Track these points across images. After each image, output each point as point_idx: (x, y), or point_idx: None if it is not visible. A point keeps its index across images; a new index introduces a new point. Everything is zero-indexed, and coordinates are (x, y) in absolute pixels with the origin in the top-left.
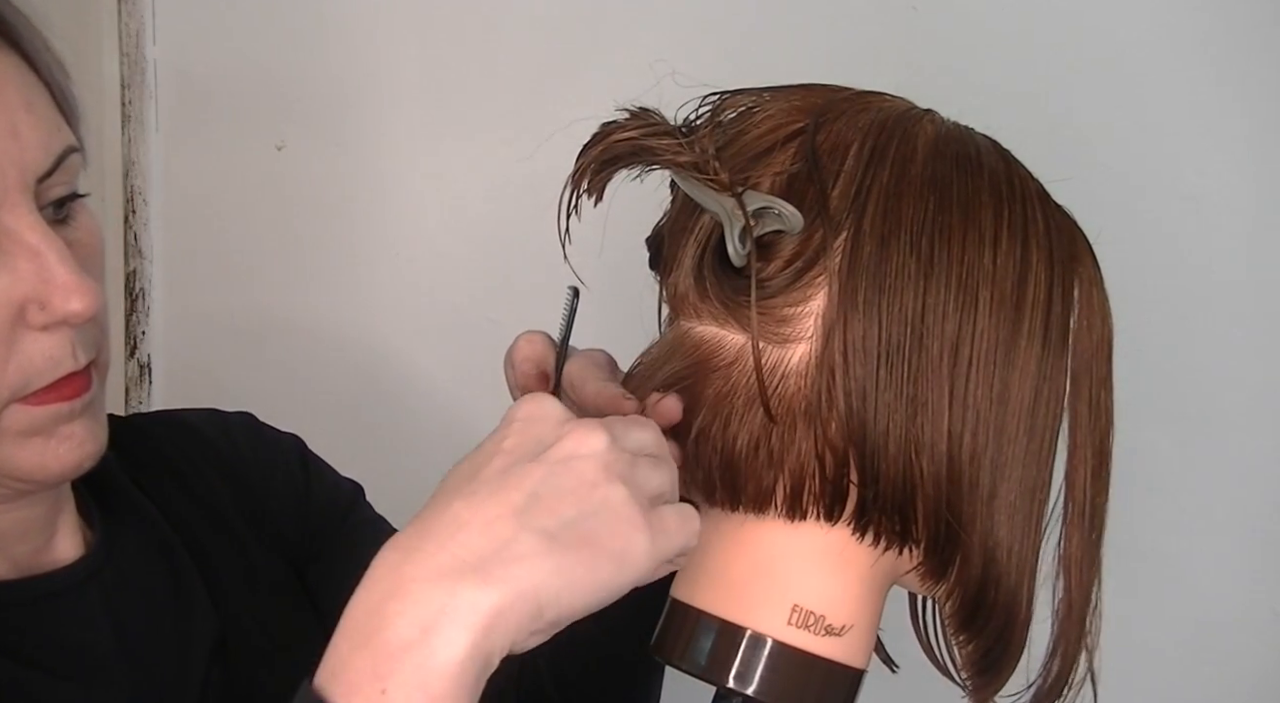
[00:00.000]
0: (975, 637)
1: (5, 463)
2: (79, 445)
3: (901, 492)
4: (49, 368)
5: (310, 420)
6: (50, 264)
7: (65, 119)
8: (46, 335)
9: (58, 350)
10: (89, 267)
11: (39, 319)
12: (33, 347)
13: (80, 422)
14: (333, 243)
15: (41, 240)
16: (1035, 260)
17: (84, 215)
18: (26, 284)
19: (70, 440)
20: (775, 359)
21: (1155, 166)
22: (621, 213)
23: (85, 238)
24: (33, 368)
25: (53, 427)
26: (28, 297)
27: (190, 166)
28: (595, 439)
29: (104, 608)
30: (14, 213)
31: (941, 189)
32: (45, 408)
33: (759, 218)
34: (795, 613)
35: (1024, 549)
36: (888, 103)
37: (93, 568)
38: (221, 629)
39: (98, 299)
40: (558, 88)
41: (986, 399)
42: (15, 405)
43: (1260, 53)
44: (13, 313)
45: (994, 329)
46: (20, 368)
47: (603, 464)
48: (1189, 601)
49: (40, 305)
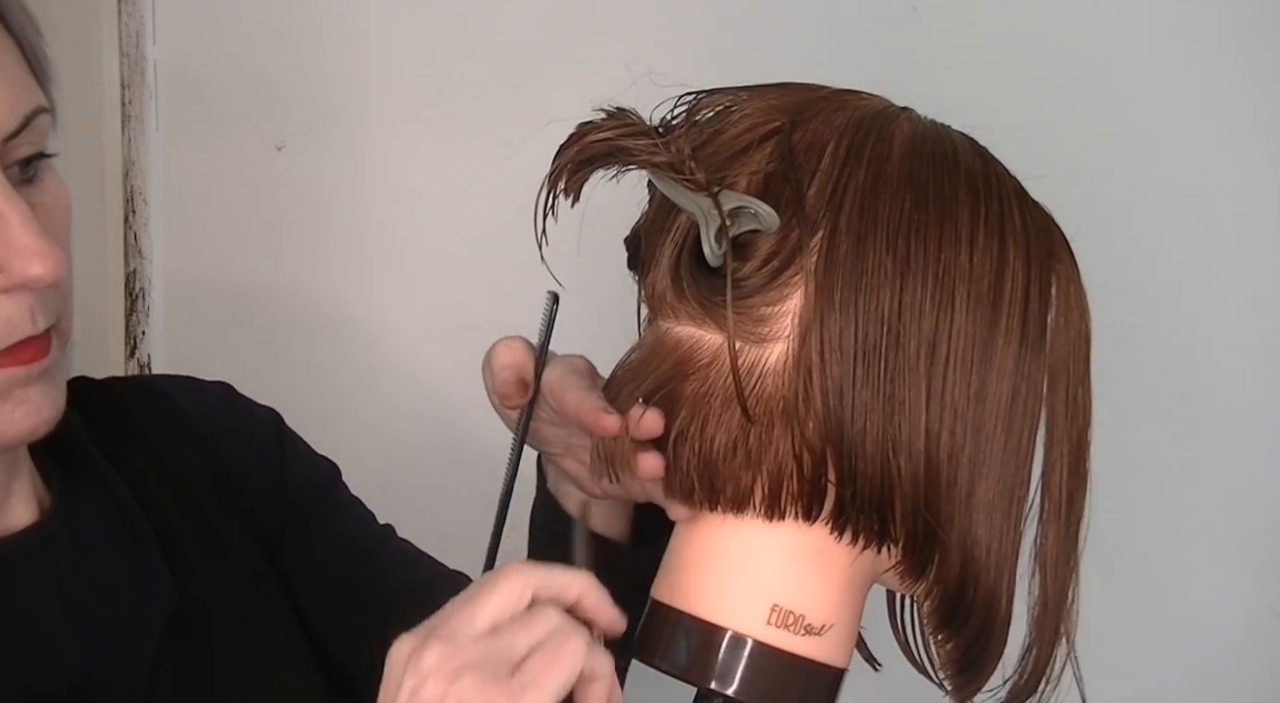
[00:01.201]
0: (955, 635)
1: None
2: (35, 411)
3: (879, 491)
4: (5, 332)
5: (310, 420)
6: (11, 227)
7: (36, 79)
8: (4, 298)
9: (16, 314)
10: (53, 230)
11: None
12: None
13: (37, 387)
14: (333, 243)
15: (4, 203)
16: (1012, 258)
17: (51, 178)
18: None
19: (25, 405)
20: (753, 359)
21: (1155, 166)
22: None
23: (51, 200)
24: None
25: (8, 390)
26: None
27: (190, 167)
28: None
29: (53, 579)
30: None
31: (918, 187)
32: (1, 371)
33: (735, 217)
34: (775, 613)
35: (1003, 547)
36: (864, 101)
37: (44, 537)
38: (180, 606)
39: (60, 264)
40: (558, 87)
41: (964, 397)
42: None
43: (1260, 52)
44: None
45: (971, 327)
46: None
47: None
48: (1188, 600)
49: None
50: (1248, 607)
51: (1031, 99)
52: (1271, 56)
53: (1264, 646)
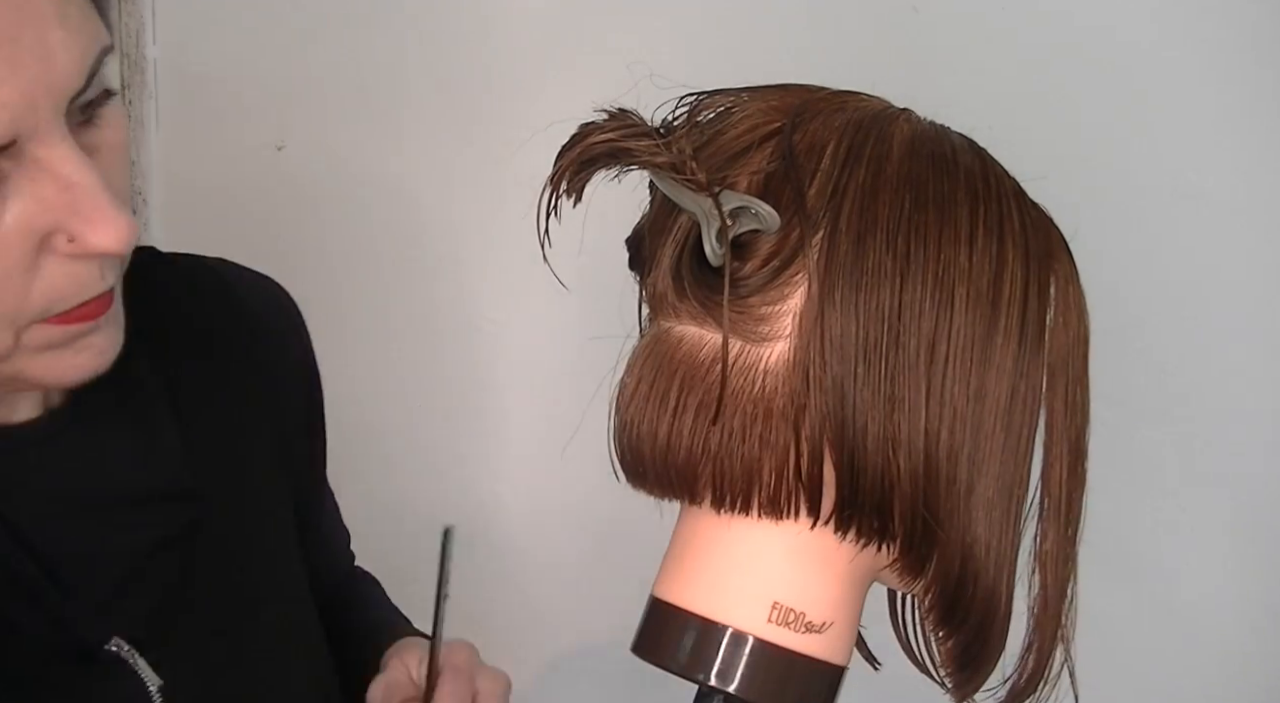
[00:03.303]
0: (954, 633)
1: (18, 373)
2: (97, 355)
3: (879, 489)
4: (75, 293)
5: None
6: (84, 195)
7: (99, 12)
8: (74, 262)
9: (85, 275)
10: (115, 171)
11: (66, 249)
12: (58, 271)
13: (100, 333)
14: (332, 243)
15: (75, 170)
16: (1011, 258)
17: (110, 113)
18: (53, 214)
19: (89, 351)
20: (753, 358)
21: (1155, 166)
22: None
23: (112, 137)
24: (56, 293)
25: (72, 341)
26: (55, 226)
27: (190, 167)
28: None
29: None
30: (45, 142)
31: (917, 187)
32: (66, 327)
33: (736, 217)
34: (775, 610)
35: (1002, 546)
36: (864, 102)
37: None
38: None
39: (132, 232)
40: (559, 88)
41: (963, 396)
42: (36, 325)
43: (1260, 52)
44: (37, 241)
45: (970, 326)
46: (44, 293)
47: None
48: (1188, 600)
49: (69, 237)
50: (1248, 607)
51: (1031, 99)
52: (1272, 56)
53: (1264, 646)
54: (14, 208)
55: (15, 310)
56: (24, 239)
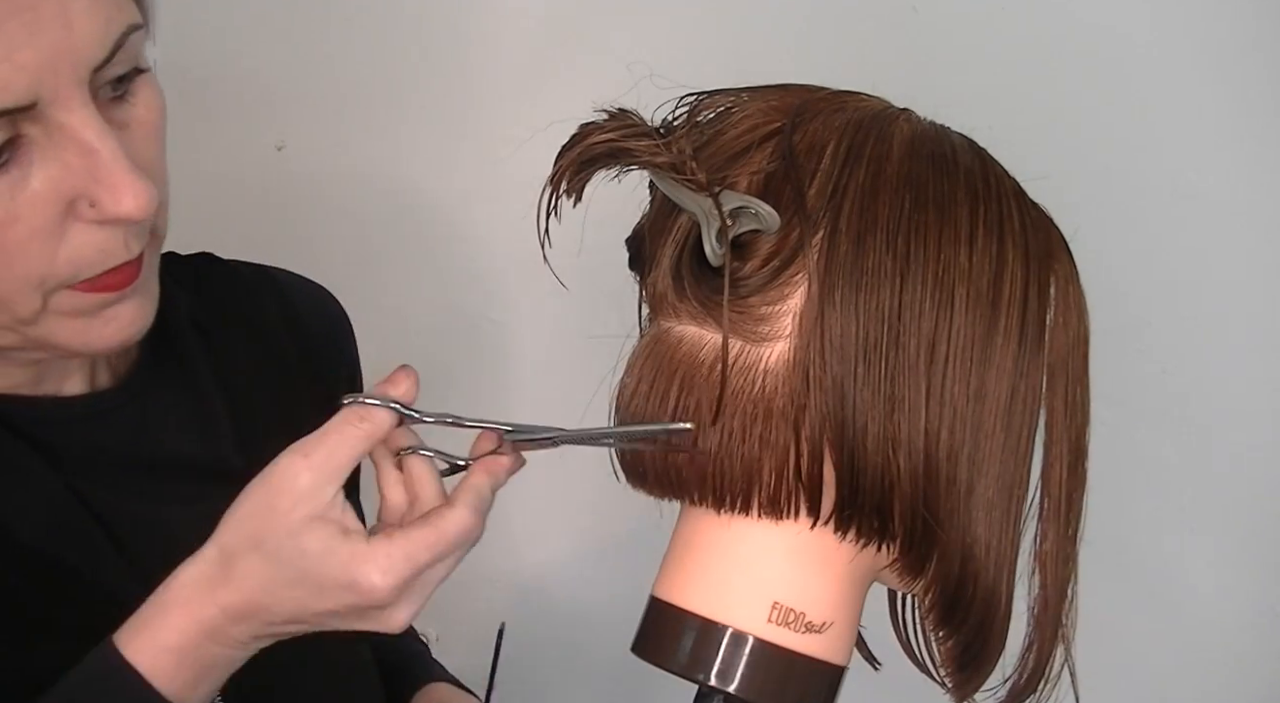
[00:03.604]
0: (954, 633)
1: (46, 336)
2: (125, 326)
3: (879, 489)
4: (100, 260)
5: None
6: (103, 162)
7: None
8: (98, 229)
9: (110, 242)
10: (145, 148)
11: (89, 215)
12: (83, 238)
13: (127, 304)
14: (332, 243)
15: (95, 137)
16: (1011, 258)
17: (144, 90)
18: (77, 179)
19: (116, 322)
20: (753, 358)
21: (1155, 166)
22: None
23: (144, 115)
24: (83, 259)
25: (98, 310)
26: (78, 192)
27: (190, 166)
28: None
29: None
30: (66, 107)
31: (917, 187)
32: (93, 295)
33: (736, 217)
34: (775, 610)
35: (1002, 545)
36: (864, 102)
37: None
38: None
39: (151, 199)
40: (559, 88)
41: (963, 396)
42: (64, 290)
43: (1261, 52)
44: (62, 207)
45: (970, 326)
46: (70, 259)
47: None
48: (1188, 600)
49: (90, 202)
50: (1248, 607)
51: (1031, 99)
52: (1272, 57)
53: (1264, 646)
54: (39, 173)
55: (43, 274)
56: (50, 203)
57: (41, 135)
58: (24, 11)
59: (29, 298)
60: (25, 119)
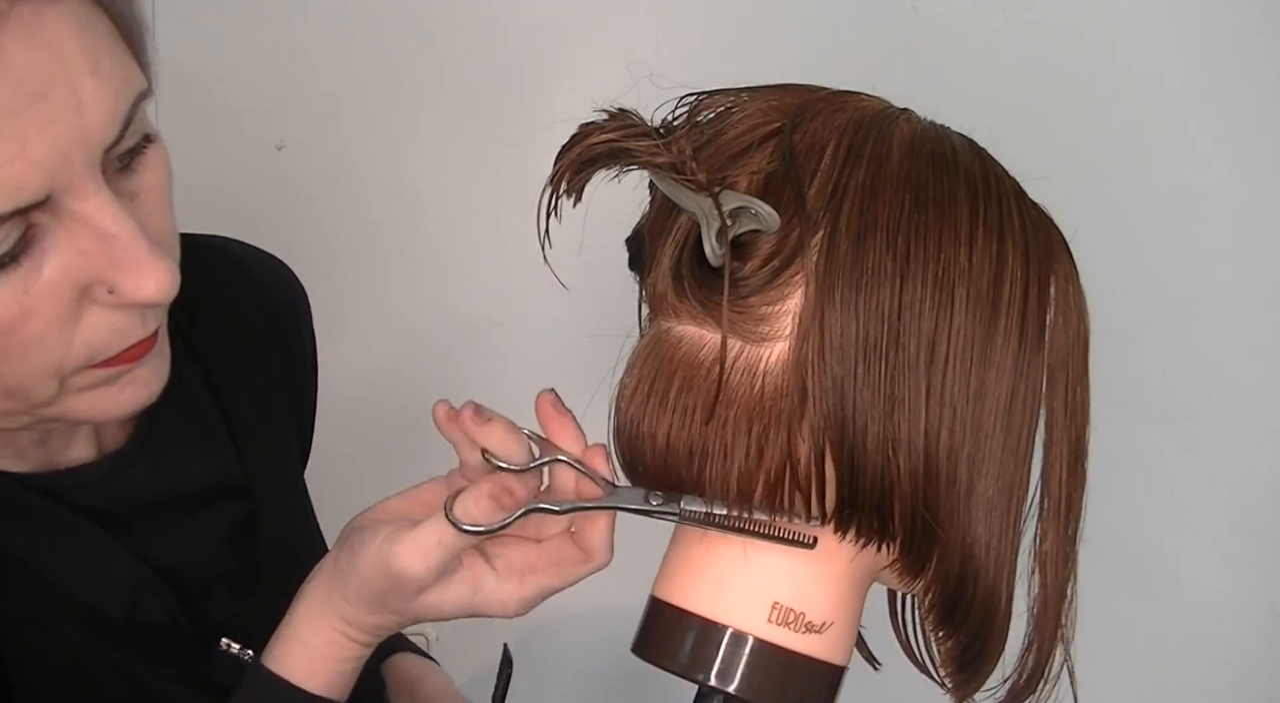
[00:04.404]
0: (954, 633)
1: (63, 414)
2: (142, 388)
3: (879, 489)
4: (117, 341)
5: None
6: (122, 246)
7: (134, 56)
8: (114, 311)
9: (127, 323)
10: (158, 216)
11: (107, 301)
12: (99, 321)
13: (145, 366)
14: (332, 243)
15: (112, 222)
16: (1011, 258)
17: (151, 155)
18: (94, 266)
19: (134, 384)
20: (753, 358)
21: (1155, 165)
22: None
23: (152, 180)
24: (99, 342)
25: (117, 378)
26: (95, 278)
27: (190, 166)
28: None
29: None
30: (81, 196)
31: (917, 187)
32: (110, 369)
33: (736, 217)
34: (775, 610)
35: (1002, 546)
36: (864, 102)
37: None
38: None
39: (174, 281)
40: (559, 88)
41: (963, 396)
42: (85, 371)
43: (1261, 52)
44: (78, 293)
45: (970, 326)
46: (87, 343)
47: None
48: (1188, 600)
49: (109, 288)
50: (1248, 607)
51: (1031, 99)
52: (1272, 57)
53: (1264, 646)
54: (53, 261)
55: (60, 362)
56: (64, 292)
57: (53, 222)
58: (35, 102)
59: (46, 385)
60: (38, 215)
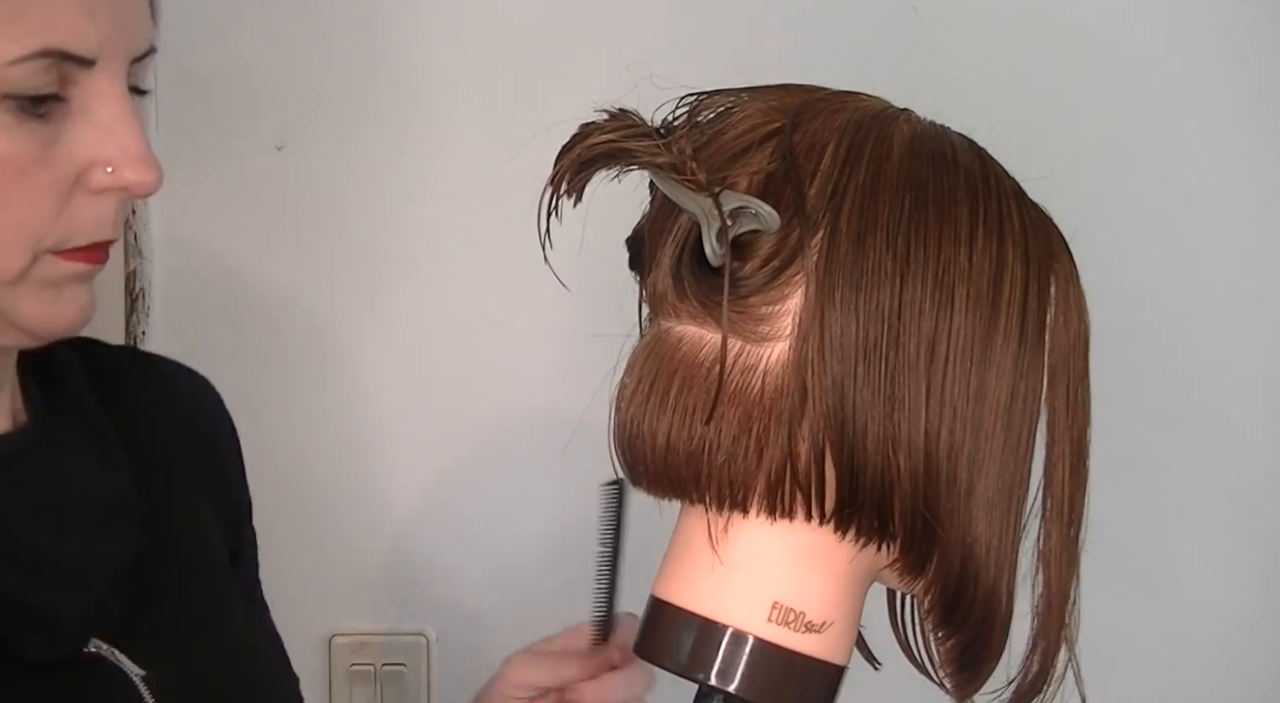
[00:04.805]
0: (954, 633)
1: (14, 306)
2: (80, 308)
3: (880, 489)
4: (93, 229)
5: (307, 418)
6: (128, 132)
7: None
8: (99, 199)
9: (105, 215)
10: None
11: (103, 182)
12: (84, 205)
13: (86, 288)
14: (332, 243)
15: (128, 112)
16: (1011, 258)
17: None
18: (104, 146)
19: (74, 302)
20: (753, 358)
21: (1155, 166)
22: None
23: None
24: (78, 225)
25: (65, 284)
26: (99, 158)
27: (190, 166)
28: None
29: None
30: (113, 79)
31: (917, 187)
32: (73, 264)
33: (736, 217)
34: (775, 610)
35: (1003, 545)
36: (864, 102)
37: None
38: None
39: (158, 180)
40: (558, 88)
41: (964, 396)
42: (48, 256)
43: (1261, 52)
44: (80, 169)
45: (970, 326)
46: (69, 221)
47: None
48: (1189, 600)
49: (109, 167)
50: (1248, 607)
51: (1032, 99)
52: (1272, 57)
53: (1264, 646)
54: (72, 132)
55: (42, 232)
56: (75, 162)
57: (79, 101)
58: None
59: (21, 254)
60: (75, 80)
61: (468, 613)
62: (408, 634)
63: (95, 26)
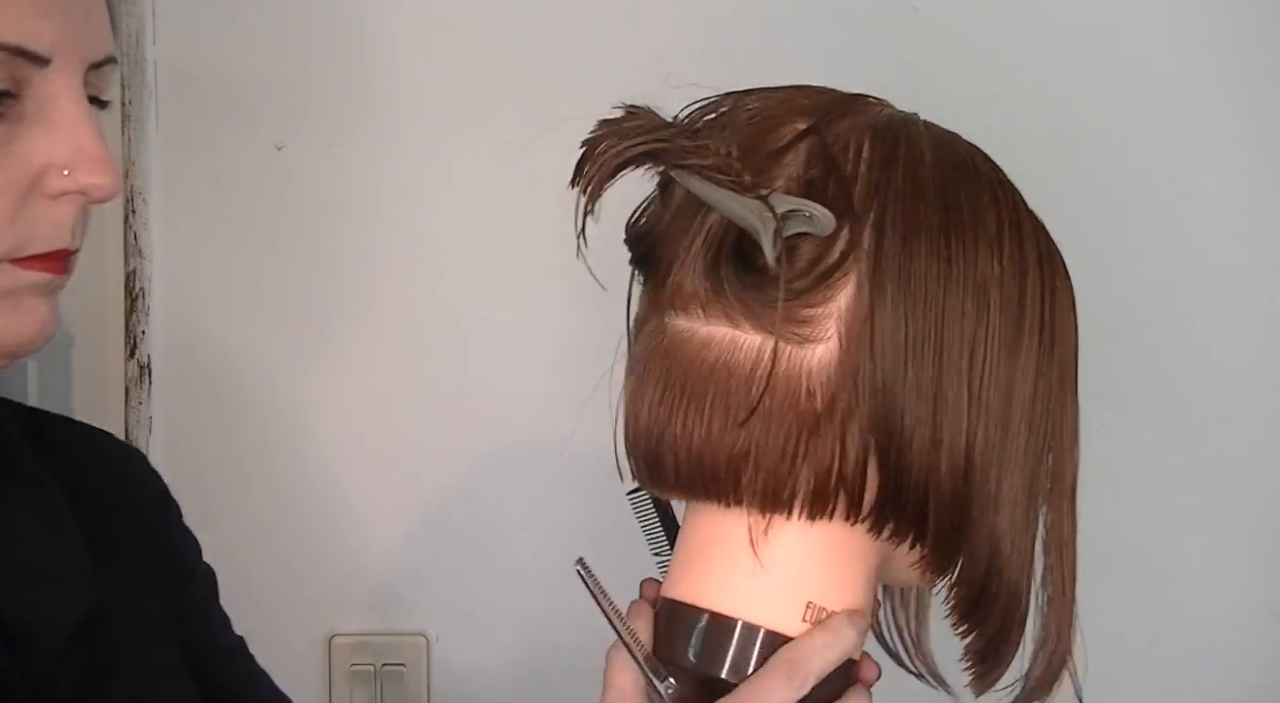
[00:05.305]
0: (978, 626)
1: None
2: (40, 322)
3: (921, 487)
4: (51, 236)
5: (307, 419)
6: (87, 135)
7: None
8: (56, 204)
9: (64, 221)
10: None
11: (59, 186)
12: (41, 211)
13: (47, 302)
14: (332, 242)
15: (85, 116)
16: (1029, 261)
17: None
18: (60, 150)
19: (33, 315)
20: (795, 360)
21: (1155, 166)
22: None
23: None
24: (35, 231)
25: (24, 296)
26: (55, 161)
27: (190, 166)
28: None
29: None
30: (68, 80)
31: (950, 192)
32: (30, 274)
33: (785, 220)
34: (810, 610)
35: (1025, 542)
36: (874, 106)
37: None
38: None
39: (116, 187)
40: (557, 88)
41: (997, 397)
42: (5, 265)
43: (1261, 53)
44: (36, 173)
45: (1002, 328)
46: (25, 227)
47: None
48: (1189, 600)
49: (66, 170)
50: (1248, 607)
51: (1032, 99)
52: (1272, 57)
53: (1264, 646)
54: (28, 133)
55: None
56: (31, 166)
57: (35, 103)
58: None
59: None
60: (29, 80)
61: (468, 613)
62: (408, 634)
63: (50, 25)
